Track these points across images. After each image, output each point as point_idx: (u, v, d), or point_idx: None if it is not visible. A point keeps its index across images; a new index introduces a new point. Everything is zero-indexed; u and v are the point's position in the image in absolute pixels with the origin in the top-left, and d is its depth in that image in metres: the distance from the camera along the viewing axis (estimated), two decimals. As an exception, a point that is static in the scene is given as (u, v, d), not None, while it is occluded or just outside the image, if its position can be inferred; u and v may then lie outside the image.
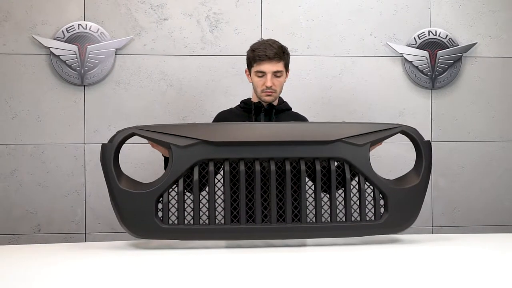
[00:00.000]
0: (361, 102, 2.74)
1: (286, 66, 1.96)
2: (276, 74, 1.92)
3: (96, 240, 2.59)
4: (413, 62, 2.73)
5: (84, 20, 2.62)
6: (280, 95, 2.15)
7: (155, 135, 1.47)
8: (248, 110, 2.02)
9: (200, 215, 1.49)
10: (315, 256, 1.38)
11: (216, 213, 1.49)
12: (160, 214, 1.47)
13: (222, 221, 1.50)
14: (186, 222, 1.49)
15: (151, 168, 2.59)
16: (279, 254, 1.37)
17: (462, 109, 2.80)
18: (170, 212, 1.47)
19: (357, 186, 1.53)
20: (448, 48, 2.75)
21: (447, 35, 2.75)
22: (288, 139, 1.52)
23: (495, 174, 2.80)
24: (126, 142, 1.44)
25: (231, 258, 1.34)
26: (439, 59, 2.74)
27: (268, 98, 1.96)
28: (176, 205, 1.48)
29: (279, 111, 2.03)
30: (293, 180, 1.53)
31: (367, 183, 1.51)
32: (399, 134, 1.51)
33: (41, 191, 2.60)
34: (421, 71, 2.74)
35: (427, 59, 2.74)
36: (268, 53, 1.88)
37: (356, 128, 1.52)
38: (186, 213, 1.50)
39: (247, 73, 2.01)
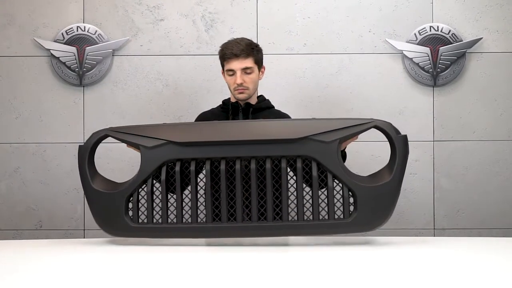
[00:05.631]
0: (359, 101, 2.68)
1: (258, 62, 1.95)
2: (245, 71, 1.92)
3: (95, 237, 2.66)
4: (413, 58, 2.64)
5: (83, 22, 2.69)
6: (263, 94, 2.14)
7: (126, 136, 1.54)
8: (227, 110, 2.02)
9: (169, 214, 1.52)
10: (281, 256, 1.36)
11: (184, 212, 1.51)
12: (130, 213, 1.52)
13: (190, 220, 1.52)
14: (155, 221, 1.52)
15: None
16: (248, 254, 1.37)
17: (467, 107, 2.68)
18: (140, 211, 1.52)
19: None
20: (451, 44, 2.65)
21: (449, 31, 2.65)
22: (254, 138, 1.51)
23: (503, 175, 2.67)
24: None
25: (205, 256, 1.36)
26: (441, 56, 2.64)
27: (241, 96, 1.95)
28: (147, 205, 1.52)
29: (258, 109, 2.02)
30: (259, 178, 1.52)
31: (336, 181, 1.47)
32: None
33: (42, 189, 2.69)
34: (422, 68, 2.65)
35: (428, 56, 2.64)
36: (234, 50, 1.88)
37: (324, 125, 1.49)
38: (155, 212, 1.53)
39: (222, 73, 2.01)
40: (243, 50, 1.89)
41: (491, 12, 2.68)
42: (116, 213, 1.51)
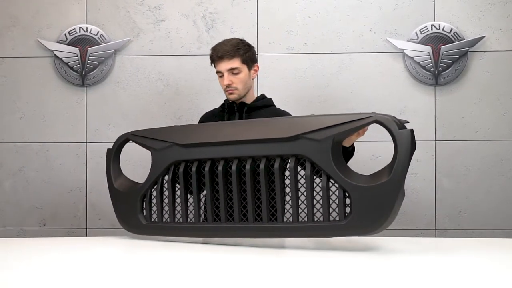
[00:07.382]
0: (359, 100, 2.67)
1: (246, 62, 1.94)
2: (232, 71, 1.93)
3: (97, 236, 2.68)
4: (414, 57, 2.62)
5: (86, 23, 2.72)
6: (264, 93, 2.14)
7: (142, 139, 1.64)
8: (224, 110, 2.04)
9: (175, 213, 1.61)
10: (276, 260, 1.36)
11: (189, 211, 1.58)
12: (145, 212, 1.63)
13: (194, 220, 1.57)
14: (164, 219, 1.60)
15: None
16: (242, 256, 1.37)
17: (469, 107, 2.65)
18: (153, 210, 1.62)
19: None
20: (453, 42, 2.62)
21: (451, 29, 2.62)
22: (247, 138, 1.51)
23: (505, 175, 2.64)
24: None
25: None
26: (443, 54, 2.62)
27: (231, 97, 1.97)
28: (157, 204, 1.62)
29: (254, 108, 2.02)
30: (256, 179, 1.51)
31: (331, 181, 1.39)
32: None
33: (46, 188, 2.73)
34: (423, 67, 2.63)
35: (429, 55, 2.62)
36: (219, 53, 1.91)
37: (317, 122, 1.41)
38: (164, 212, 1.60)
39: None
40: (227, 52, 1.90)
41: (494, 10, 2.65)
42: (132, 211, 1.63)
